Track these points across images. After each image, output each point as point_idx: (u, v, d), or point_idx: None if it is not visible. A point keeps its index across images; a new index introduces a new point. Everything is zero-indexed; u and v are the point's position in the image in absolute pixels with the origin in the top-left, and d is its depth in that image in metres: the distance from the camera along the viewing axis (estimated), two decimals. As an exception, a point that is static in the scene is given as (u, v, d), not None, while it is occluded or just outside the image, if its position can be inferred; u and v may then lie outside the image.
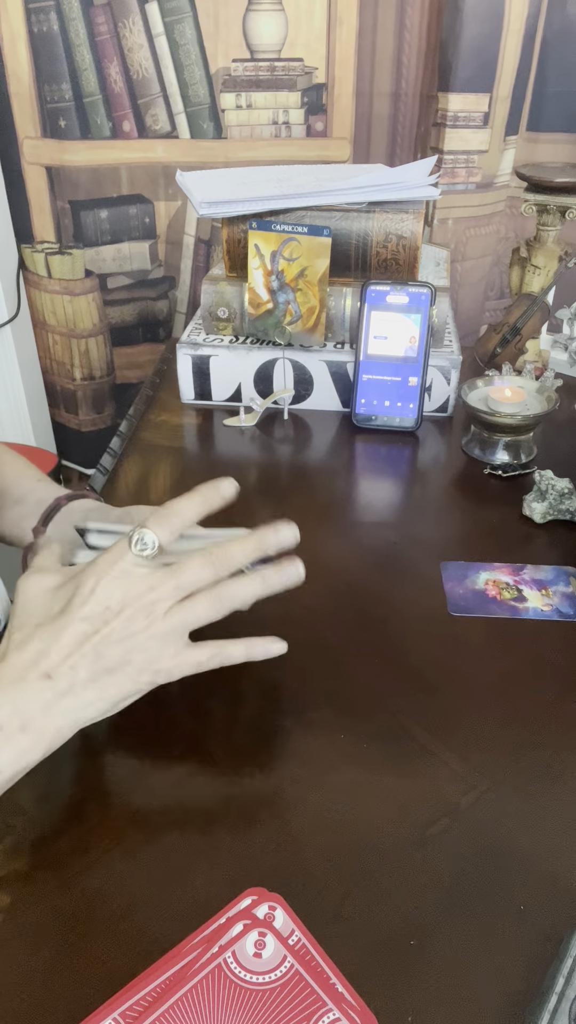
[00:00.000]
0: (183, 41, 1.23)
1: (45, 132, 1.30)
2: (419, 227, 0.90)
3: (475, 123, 1.20)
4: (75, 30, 1.22)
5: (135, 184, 1.35)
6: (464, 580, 0.67)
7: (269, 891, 0.42)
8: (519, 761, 0.51)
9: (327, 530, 0.75)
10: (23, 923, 0.41)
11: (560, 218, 0.98)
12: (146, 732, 0.52)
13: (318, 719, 0.54)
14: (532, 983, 0.39)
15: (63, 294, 1.42)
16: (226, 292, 0.94)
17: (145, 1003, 0.37)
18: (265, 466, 0.87)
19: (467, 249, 1.30)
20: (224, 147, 1.31)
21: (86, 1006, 0.38)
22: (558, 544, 0.71)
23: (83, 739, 0.51)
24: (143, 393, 1.02)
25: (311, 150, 1.30)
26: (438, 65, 1.18)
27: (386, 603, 0.65)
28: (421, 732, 0.52)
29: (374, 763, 0.50)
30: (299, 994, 0.38)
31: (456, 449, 0.87)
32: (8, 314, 1.40)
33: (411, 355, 0.88)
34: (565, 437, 0.90)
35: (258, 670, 0.58)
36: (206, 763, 0.50)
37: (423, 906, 0.42)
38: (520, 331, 0.97)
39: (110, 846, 0.45)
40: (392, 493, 0.83)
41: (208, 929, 0.40)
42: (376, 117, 1.28)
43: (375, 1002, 0.38)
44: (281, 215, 0.89)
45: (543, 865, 0.44)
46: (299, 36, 1.22)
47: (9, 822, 0.46)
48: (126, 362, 1.51)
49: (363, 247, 0.91)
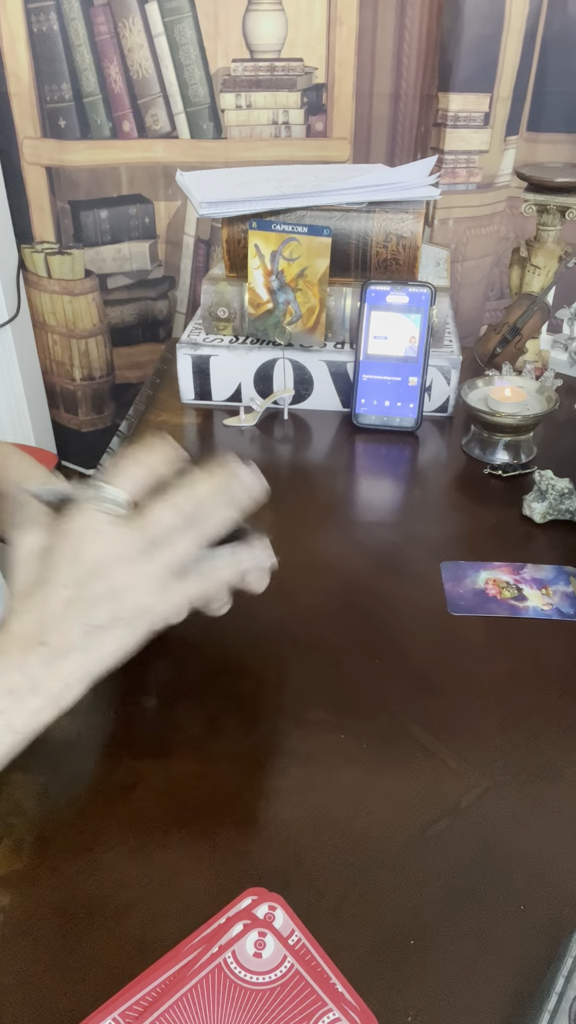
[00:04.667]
0: (183, 41, 1.23)
1: (45, 132, 1.30)
2: (419, 227, 0.90)
3: (476, 123, 1.20)
4: (75, 30, 1.22)
5: (135, 184, 1.35)
6: (464, 580, 0.67)
7: (269, 891, 0.42)
8: (519, 761, 0.51)
9: (327, 530, 0.75)
10: (23, 923, 0.41)
11: (560, 218, 0.98)
12: (146, 732, 0.52)
13: (318, 719, 0.53)
14: (532, 983, 0.39)
15: (63, 294, 1.42)
16: (226, 292, 0.94)
17: (145, 1003, 0.37)
18: (265, 466, 0.86)
19: (468, 249, 1.30)
20: (224, 147, 1.31)
21: (86, 1006, 0.38)
22: (558, 544, 0.71)
23: (84, 739, 0.51)
24: (143, 393, 1.02)
25: (311, 150, 1.30)
26: (438, 65, 1.18)
27: (386, 603, 0.65)
28: (421, 732, 0.52)
29: (374, 763, 0.50)
30: (299, 994, 0.38)
31: (456, 449, 0.87)
32: (8, 314, 1.40)
33: (411, 355, 0.88)
34: (565, 437, 0.90)
35: (258, 670, 0.58)
36: (206, 763, 0.50)
37: (423, 906, 0.42)
38: (520, 331, 0.97)
39: (110, 846, 0.45)
40: (392, 493, 0.83)
41: (208, 929, 0.40)
42: (376, 117, 1.28)
43: (375, 1002, 0.38)
44: (281, 215, 0.89)
45: (543, 865, 0.44)
46: (299, 36, 1.22)
47: (9, 822, 0.46)
48: (126, 362, 1.51)
49: (363, 247, 0.91)
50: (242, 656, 0.58)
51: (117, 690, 0.56)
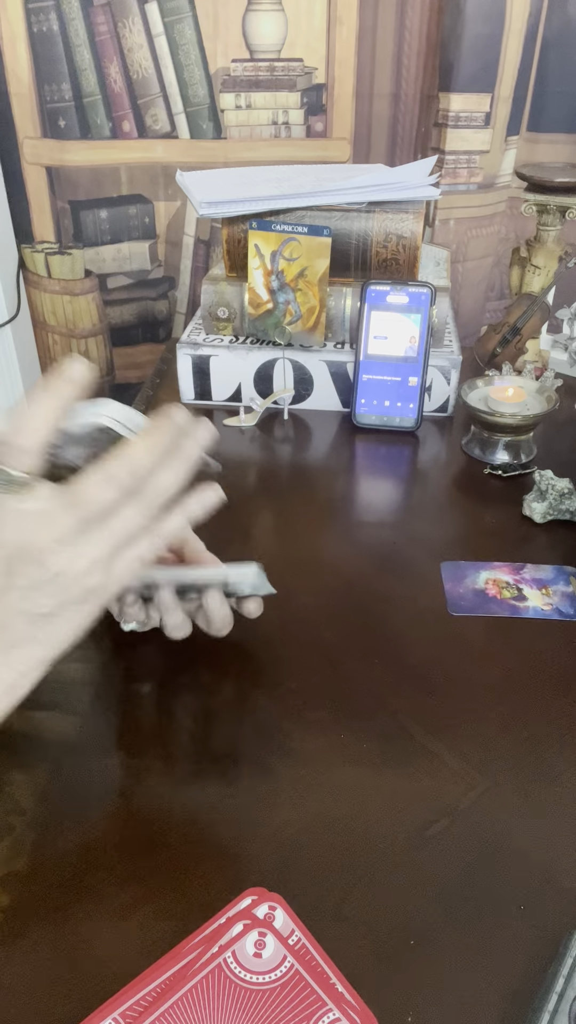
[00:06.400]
0: (183, 41, 1.23)
1: (45, 132, 1.30)
2: (419, 227, 0.90)
3: (477, 123, 1.20)
4: (75, 30, 1.22)
5: (135, 184, 1.35)
6: (464, 580, 0.67)
7: (269, 891, 0.42)
8: (519, 761, 0.50)
9: (327, 530, 0.75)
10: (23, 923, 0.41)
11: (560, 218, 0.98)
12: (145, 732, 0.52)
13: (318, 719, 0.53)
14: (532, 983, 0.39)
15: (63, 294, 1.42)
16: (226, 292, 0.94)
17: (145, 1003, 0.37)
18: (265, 466, 0.87)
19: (468, 250, 1.30)
20: (224, 147, 1.31)
21: (86, 1006, 0.38)
22: (558, 544, 0.71)
23: (83, 739, 0.51)
24: (143, 393, 1.02)
25: (311, 150, 1.30)
26: (439, 65, 1.18)
27: (386, 603, 0.65)
28: (421, 732, 0.52)
29: (374, 763, 0.50)
30: (299, 994, 0.38)
31: (456, 449, 0.87)
32: (8, 314, 1.40)
33: (411, 355, 0.88)
34: (565, 437, 0.90)
35: (258, 670, 0.58)
36: (206, 763, 0.50)
37: (423, 906, 0.42)
38: (520, 331, 0.97)
39: (110, 846, 0.45)
40: (392, 493, 0.83)
41: (208, 929, 0.40)
42: (376, 117, 1.27)
43: (375, 1002, 0.38)
44: (281, 215, 0.89)
45: (543, 865, 0.44)
46: (299, 36, 1.22)
47: (9, 822, 0.46)
48: (126, 362, 1.51)
49: (363, 247, 0.91)
50: (242, 656, 0.58)
51: (116, 690, 0.56)
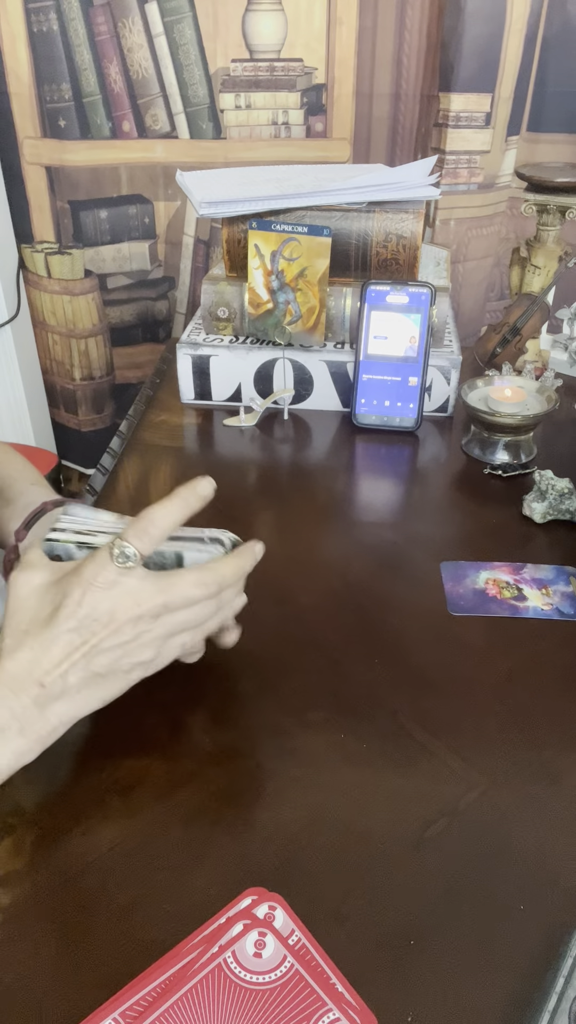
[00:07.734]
0: (183, 41, 1.23)
1: (45, 132, 1.30)
2: (419, 227, 0.90)
3: (477, 123, 1.20)
4: (75, 30, 1.22)
5: (135, 184, 1.35)
6: (464, 580, 0.67)
7: (269, 891, 0.42)
8: (519, 761, 0.51)
9: (327, 530, 0.75)
10: (23, 923, 0.41)
11: (560, 218, 0.98)
12: (145, 732, 0.52)
13: (318, 719, 0.53)
14: (532, 983, 0.39)
15: (63, 294, 1.42)
16: (226, 292, 0.94)
17: (145, 1003, 0.37)
18: (265, 466, 0.87)
19: (468, 250, 1.30)
20: (224, 147, 1.31)
21: (86, 1006, 0.38)
22: (558, 544, 0.71)
23: (83, 739, 0.51)
24: (143, 393, 1.02)
25: (311, 150, 1.30)
26: (439, 65, 1.18)
27: (386, 603, 0.65)
28: (421, 732, 0.52)
29: (374, 763, 0.50)
30: (299, 994, 0.38)
31: (456, 449, 0.87)
32: (8, 314, 1.40)
33: (411, 355, 0.88)
34: (565, 437, 0.90)
35: (258, 670, 0.58)
36: (206, 763, 0.50)
37: (423, 906, 0.42)
38: (520, 331, 0.97)
39: (110, 846, 0.45)
40: (392, 493, 0.83)
41: (208, 929, 0.40)
42: (376, 117, 1.27)
43: (375, 1002, 0.38)
44: (281, 215, 0.89)
45: (543, 865, 0.44)
46: (299, 36, 1.22)
47: (9, 822, 0.46)
48: (126, 362, 1.51)
49: (363, 247, 0.91)
50: (242, 656, 0.58)
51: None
